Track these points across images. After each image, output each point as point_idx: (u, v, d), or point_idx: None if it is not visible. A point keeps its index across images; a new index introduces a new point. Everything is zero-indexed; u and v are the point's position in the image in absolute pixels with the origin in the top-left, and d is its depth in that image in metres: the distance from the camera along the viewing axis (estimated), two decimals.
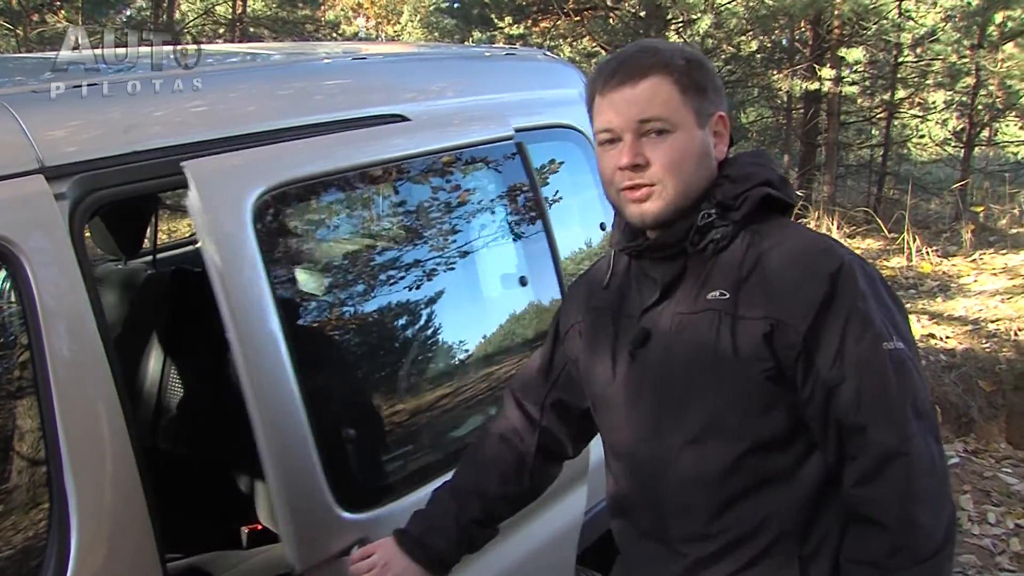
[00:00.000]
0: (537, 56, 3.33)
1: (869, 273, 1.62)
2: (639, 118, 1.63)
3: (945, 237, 11.45)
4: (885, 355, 1.55)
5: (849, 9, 11.34)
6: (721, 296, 1.62)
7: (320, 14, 18.61)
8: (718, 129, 1.70)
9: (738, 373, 1.59)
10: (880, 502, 1.54)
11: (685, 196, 1.65)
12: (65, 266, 1.73)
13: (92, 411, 1.73)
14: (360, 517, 2.06)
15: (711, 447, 1.63)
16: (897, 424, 1.54)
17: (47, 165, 1.74)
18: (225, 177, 1.96)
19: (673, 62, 1.65)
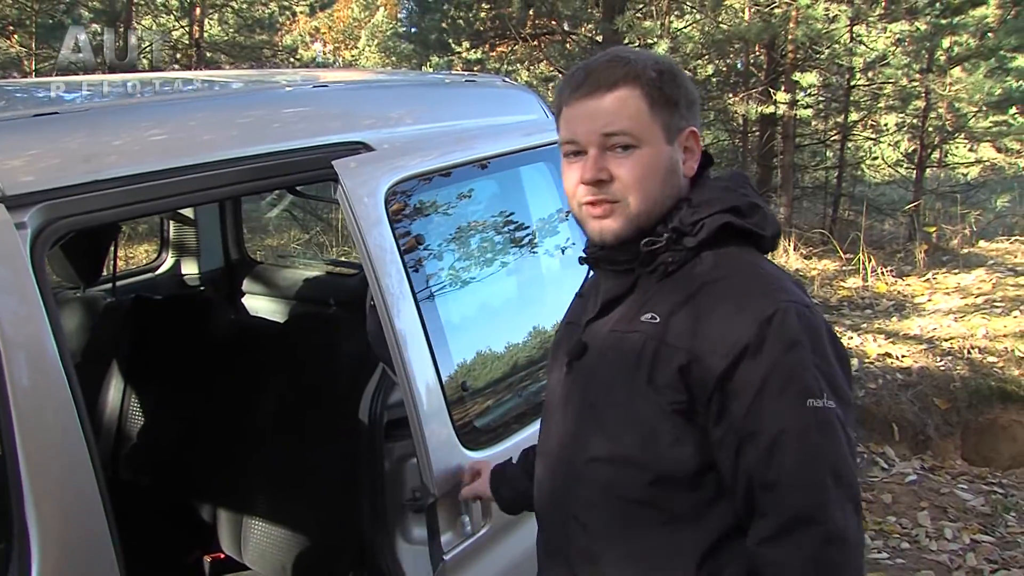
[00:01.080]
0: (496, 83, 3.36)
1: (811, 323, 1.52)
2: (604, 131, 1.59)
3: (899, 257, 11.61)
4: (809, 413, 1.46)
5: (802, 34, 11.53)
6: (652, 320, 1.58)
7: (278, 39, 18.57)
8: (688, 145, 1.65)
9: (651, 400, 1.55)
10: (781, 566, 1.46)
11: (648, 215, 1.61)
12: (26, 295, 1.71)
13: (54, 441, 1.72)
14: (478, 455, 2.39)
15: (617, 469, 1.59)
16: (811, 489, 1.46)
17: (7, 194, 1.73)
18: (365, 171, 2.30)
19: (644, 73, 1.60)
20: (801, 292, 1.60)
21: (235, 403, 3.09)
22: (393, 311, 2.23)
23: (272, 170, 2.20)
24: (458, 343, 2.51)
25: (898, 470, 5.98)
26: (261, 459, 2.96)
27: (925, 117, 13.53)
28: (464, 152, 2.65)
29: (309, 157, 2.26)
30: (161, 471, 3.15)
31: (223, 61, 16.07)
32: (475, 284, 2.70)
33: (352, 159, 2.27)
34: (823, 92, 14.79)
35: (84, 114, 2.00)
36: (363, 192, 2.25)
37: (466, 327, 2.63)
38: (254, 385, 3.07)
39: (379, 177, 2.32)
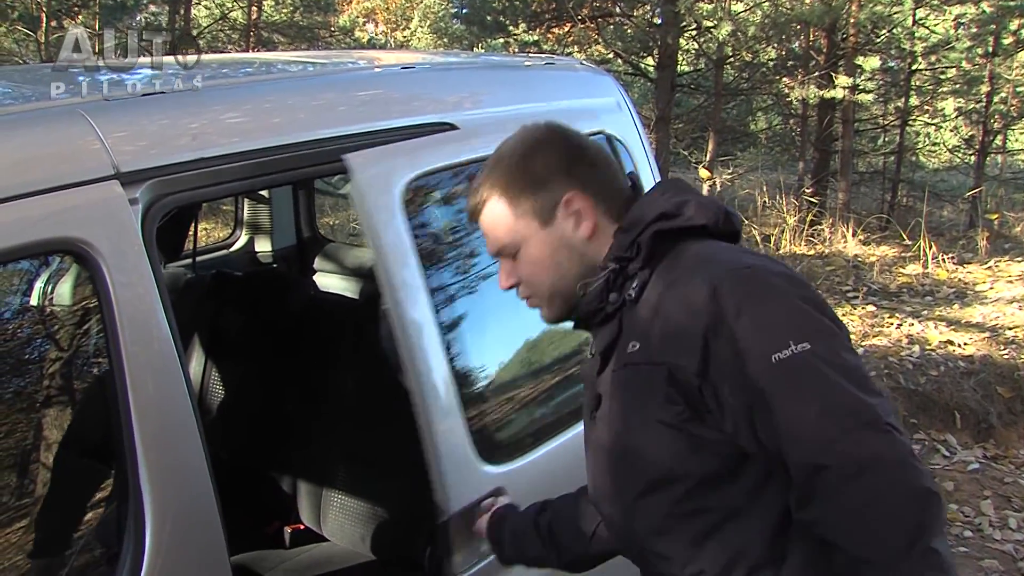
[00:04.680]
0: (576, 65, 3.38)
1: (752, 280, 1.52)
2: (493, 252, 1.76)
3: (960, 244, 11.45)
4: (777, 367, 1.43)
5: (865, 17, 11.37)
6: (634, 347, 1.60)
7: (333, 20, 18.68)
8: (574, 209, 1.68)
9: (657, 422, 1.56)
10: (822, 523, 1.41)
11: (560, 293, 1.71)
12: (140, 269, 1.77)
13: (166, 412, 1.78)
14: (497, 469, 2.32)
15: (661, 495, 1.60)
16: (806, 438, 1.41)
17: (122, 171, 1.79)
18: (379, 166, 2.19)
19: (498, 177, 1.71)
20: (743, 256, 1.59)
21: (313, 378, 3.15)
22: (405, 313, 2.14)
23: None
24: (479, 348, 2.45)
25: (960, 458, 5.93)
26: (339, 432, 3.02)
27: (989, 102, 13.31)
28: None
29: (401, 137, 2.30)
30: (241, 444, 3.21)
31: (280, 41, 16.20)
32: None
33: (363, 153, 2.16)
34: (883, 76, 14.59)
35: (189, 93, 2.05)
36: (378, 188, 2.17)
37: (488, 331, 2.56)
38: (331, 360, 3.12)
39: (396, 171, 2.23)
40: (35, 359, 1.79)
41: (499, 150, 1.76)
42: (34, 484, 1.76)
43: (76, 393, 1.84)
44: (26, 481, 1.77)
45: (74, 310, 1.79)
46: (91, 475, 1.82)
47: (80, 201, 1.72)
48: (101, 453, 1.80)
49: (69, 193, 1.70)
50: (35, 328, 1.81)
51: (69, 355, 1.81)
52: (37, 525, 1.73)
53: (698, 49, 14.36)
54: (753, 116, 18.04)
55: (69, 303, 1.79)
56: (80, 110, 1.82)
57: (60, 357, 1.80)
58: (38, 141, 1.76)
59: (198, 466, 1.81)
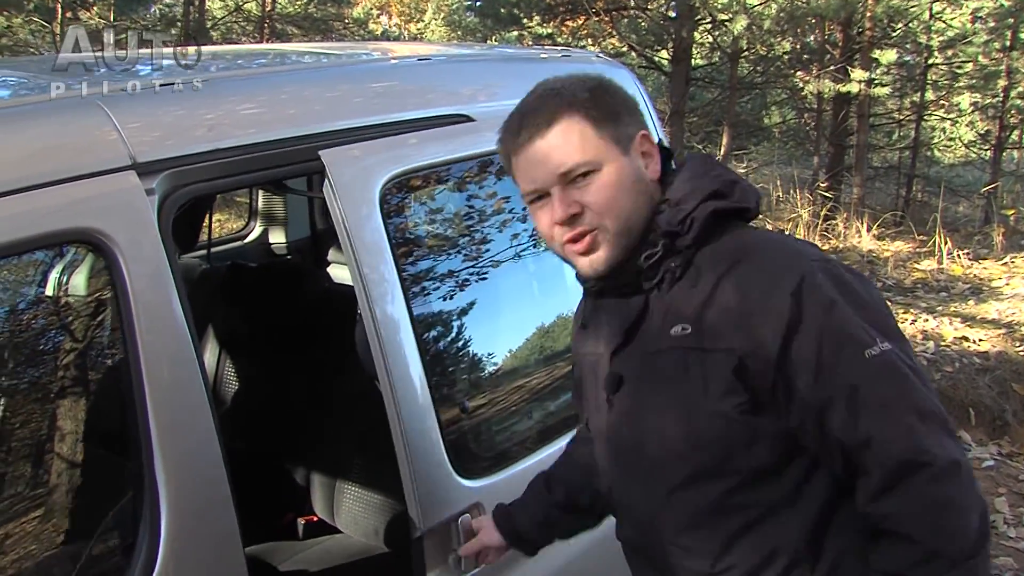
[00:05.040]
0: (592, 58, 3.37)
1: (837, 275, 1.50)
2: (560, 171, 1.55)
3: (976, 240, 11.39)
4: (871, 363, 1.43)
5: (882, 11, 11.31)
6: (684, 331, 1.53)
7: (347, 12, 18.69)
8: (644, 149, 1.61)
9: (713, 412, 1.50)
10: (901, 515, 1.43)
11: (629, 232, 1.57)
12: (156, 260, 1.77)
13: (180, 402, 1.78)
14: (474, 484, 2.22)
15: (699, 490, 1.56)
16: (901, 432, 1.43)
17: (138, 161, 1.79)
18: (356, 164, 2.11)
19: (576, 98, 1.57)
20: (813, 248, 1.58)
21: (327, 369, 3.15)
22: (380, 320, 2.06)
23: None
24: (458, 356, 2.37)
25: (975, 455, 5.89)
26: (353, 424, 3.02)
27: (1006, 97, 13.22)
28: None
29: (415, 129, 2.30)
30: (255, 435, 3.21)
31: (293, 33, 16.21)
32: (488, 288, 2.49)
33: (341, 149, 2.10)
34: (898, 71, 14.52)
35: (206, 84, 2.05)
36: (355, 186, 2.10)
37: (470, 339, 2.44)
38: (345, 351, 3.12)
39: (374, 169, 2.16)
40: (51, 349, 1.79)
41: (555, 84, 1.63)
42: (50, 474, 1.77)
43: (91, 383, 1.83)
44: (42, 471, 1.77)
45: (90, 300, 1.79)
46: (106, 465, 1.82)
47: (97, 191, 1.72)
48: (116, 443, 1.80)
49: (86, 183, 1.70)
50: (51, 318, 1.81)
51: (84, 345, 1.81)
52: (53, 515, 1.73)
53: (713, 43, 14.30)
54: (768, 110, 17.96)
55: (85, 293, 1.79)
56: (97, 101, 1.82)
57: (75, 347, 1.80)
58: (55, 132, 1.76)
59: (213, 457, 1.81)
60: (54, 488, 1.74)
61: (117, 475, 1.80)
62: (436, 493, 2.12)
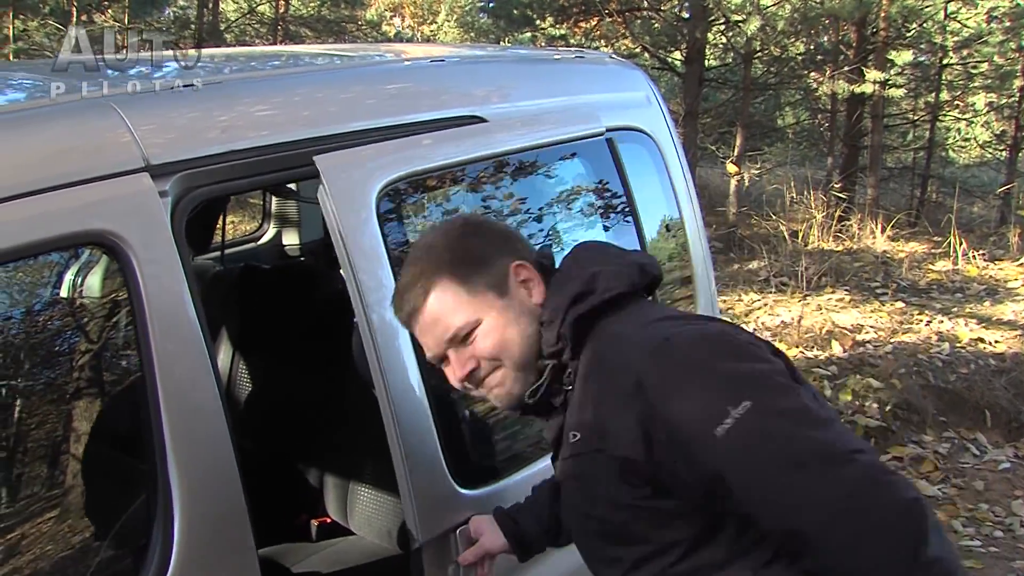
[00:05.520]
0: (605, 59, 3.36)
1: (673, 354, 1.50)
2: (445, 338, 1.65)
3: (991, 241, 11.33)
4: (724, 442, 1.41)
5: (896, 11, 11.27)
6: (575, 438, 1.60)
7: (360, 14, 18.72)
8: (522, 278, 1.67)
9: (619, 506, 1.55)
10: (825, 568, 1.42)
11: (528, 359, 1.65)
12: (169, 262, 1.77)
13: (194, 404, 1.78)
14: (475, 493, 2.17)
15: (649, 568, 1.58)
16: (777, 503, 1.42)
17: (152, 163, 1.79)
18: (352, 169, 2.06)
19: (441, 263, 1.65)
20: (658, 328, 1.57)
21: (340, 370, 3.14)
22: (376, 327, 2.00)
23: None
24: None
25: (991, 457, 5.86)
26: (366, 426, 3.01)
27: (1022, 97, 13.16)
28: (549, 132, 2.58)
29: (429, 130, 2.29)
30: (268, 436, 3.22)
31: (307, 36, 16.25)
32: None
33: (337, 154, 2.05)
34: (913, 71, 14.46)
35: (219, 86, 2.05)
36: (350, 191, 2.06)
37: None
38: None
39: (371, 174, 2.10)
40: (64, 350, 1.80)
41: (421, 246, 1.74)
42: (64, 475, 1.77)
43: (105, 385, 1.84)
44: (56, 472, 1.78)
45: (104, 302, 1.79)
46: (119, 467, 1.82)
47: (110, 193, 1.72)
48: (130, 445, 1.81)
49: (99, 185, 1.71)
50: (64, 320, 1.82)
51: (98, 347, 1.81)
52: (66, 515, 1.74)
53: (726, 43, 14.26)
54: (781, 111, 17.92)
55: (99, 295, 1.79)
56: (111, 103, 1.82)
57: (89, 349, 1.80)
58: (68, 134, 1.77)
59: (226, 458, 1.81)
60: (67, 489, 1.74)
61: (130, 477, 1.80)
62: (435, 503, 2.08)
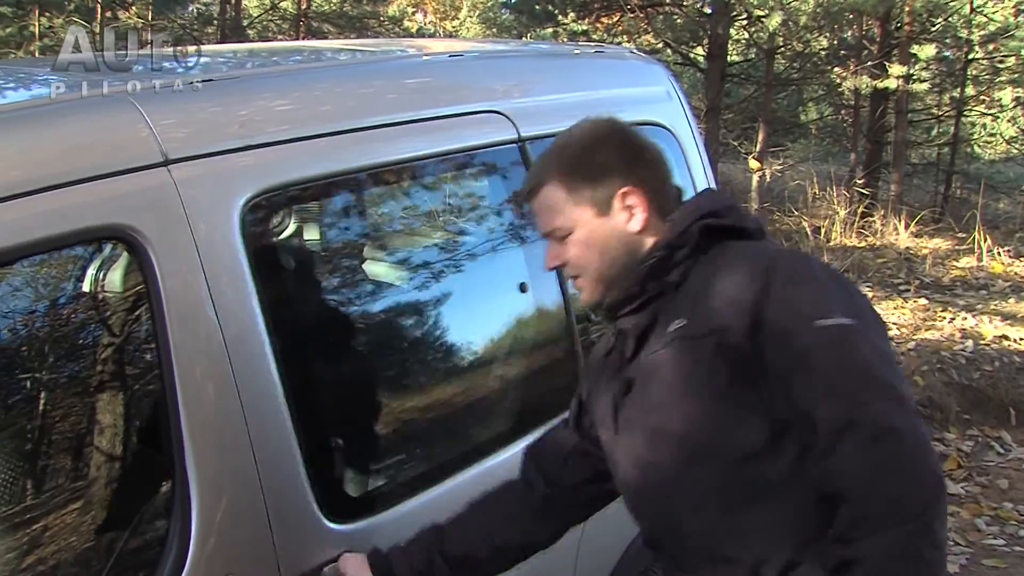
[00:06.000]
0: (625, 54, 3.35)
1: (797, 260, 1.67)
2: (544, 231, 1.80)
3: (1017, 237, 11.24)
4: (821, 332, 1.53)
5: (921, 5, 11.18)
6: (679, 324, 1.66)
7: (382, 9, 18.75)
8: (627, 203, 1.74)
9: (706, 392, 1.62)
10: (837, 475, 1.49)
11: (606, 279, 1.75)
12: (188, 256, 1.78)
13: (212, 397, 1.79)
14: (345, 528, 2.01)
15: (705, 469, 1.63)
16: (842, 396, 1.50)
17: (170, 158, 1.79)
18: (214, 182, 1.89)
19: (560, 164, 1.76)
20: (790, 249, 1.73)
21: None
22: (235, 355, 1.82)
23: None
24: (330, 386, 2.18)
25: (1015, 455, 5.82)
26: None
27: None
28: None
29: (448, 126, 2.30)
30: None
31: (329, 31, 16.28)
32: (372, 310, 2.34)
33: (195, 163, 1.85)
34: (938, 66, 14.35)
35: (237, 81, 2.06)
36: (209, 206, 1.86)
37: (346, 366, 2.26)
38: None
39: (234, 186, 1.92)
40: (82, 344, 1.81)
41: (562, 139, 1.82)
42: (84, 468, 1.78)
43: (123, 379, 1.85)
44: (78, 464, 1.79)
45: (123, 297, 1.80)
46: (138, 460, 1.83)
47: (129, 188, 1.73)
48: (148, 438, 1.82)
49: (118, 180, 1.71)
50: (83, 314, 1.83)
51: (116, 341, 1.82)
52: (85, 508, 1.75)
53: (749, 39, 14.19)
54: (804, 106, 17.81)
55: (118, 290, 1.80)
56: (130, 98, 1.83)
57: (107, 343, 1.82)
58: (88, 129, 1.77)
59: (244, 452, 1.82)
60: (88, 482, 1.76)
61: (148, 470, 1.81)
62: (299, 537, 1.93)
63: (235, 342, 1.82)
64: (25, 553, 1.64)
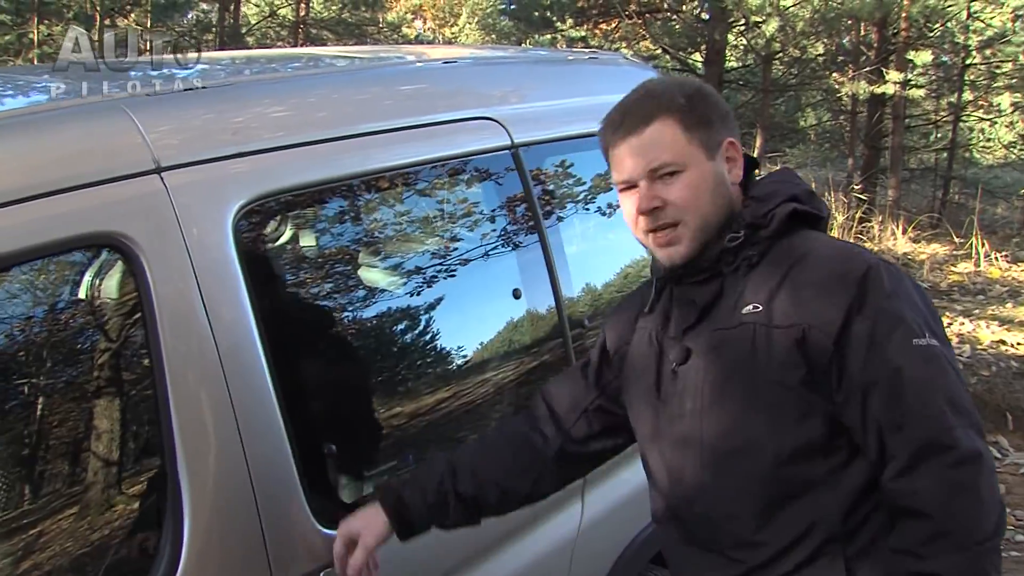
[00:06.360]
0: (619, 60, 3.36)
1: (896, 275, 1.64)
2: (649, 167, 1.68)
3: (1014, 242, 11.27)
4: (916, 351, 1.56)
5: (917, 11, 11.20)
6: (755, 309, 1.65)
7: (381, 16, 18.78)
8: (730, 155, 1.74)
9: (774, 382, 1.62)
10: (920, 493, 1.53)
11: (706, 229, 1.70)
12: (181, 264, 1.78)
13: (204, 404, 1.78)
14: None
15: (752, 457, 1.66)
16: (932, 417, 1.54)
17: (163, 166, 1.79)
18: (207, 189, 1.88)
19: (674, 102, 1.70)
20: (874, 254, 1.72)
21: None
22: (228, 361, 1.81)
23: None
24: (323, 391, 2.17)
25: (1012, 460, 5.84)
26: None
27: None
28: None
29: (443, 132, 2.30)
30: None
31: (328, 38, 16.32)
32: (365, 315, 2.31)
33: (186, 170, 1.84)
34: (935, 71, 14.37)
35: (230, 88, 2.06)
36: (204, 211, 1.85)
37: (340, 370, 2.26)
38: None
39: (228, 193, 1.90)
40: (75, 352, 1.81)
41: (656, 87, 1.77)
42: (76, 475, 1.78)
43: (116, 386, 1.84)
44: (70, 471, 1.79)
45: (115, 304, 1.80)
46: (130, 467, 1.83)
47: (121, 196, 1.73)
48: (141, 446, 1.82)
49: (110, 188, 1.71)
50: (76, 321, 1.83)
51: (110, 348, 1.82)
52: (78, 515, 1.75)
53: (746, 45, 14.23)
54: (802, 112, 17.84)
55: (111, 297, 1.80)
56: (122, 105, 1.83)
57: (100, 350, 1.81)
58: (80, 136, 1.77)
59: (236, 459, 1.81)
60: (77, 489, 1.75)
61: (141, 477, 1.81)
62: (293, 544, 1.92)
63: (228, 349, 1.82)
64: (16, 560, 1.63)
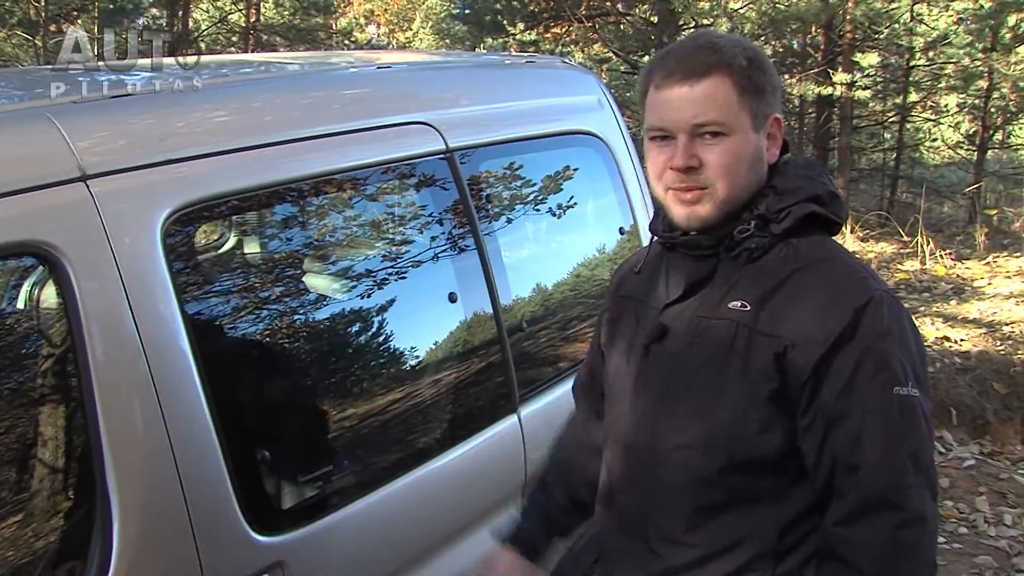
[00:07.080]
0: (556, 63, 3.38)
1: (897, 311, 1.56)
2: (696, 121, 1.58)
3: (959, 240, 11.44)
4: (895, 400, 1.50)
5: (861, 13, 11.35)
6: (742, 308, 1.58)
7: (333, 22, 18.70)
8: (772, 132, 1.65)
9: (743, 388, 1.56)
10: (858, 545, 1.50)
11: (734, 201, 1.60)
12: (108, 272, 1.77)
13: (133, 413, 1.78)
14: (275, 541, 1.99)
15: (702, 455, 1.60)
16: (893, 472, 1.50)
17: (88, 173, 1.78)
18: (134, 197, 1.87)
19: (735, 61, 1.59)
20: (879, 280, 1.62)
21: None
22: (157, 369, 1.80)
23: None
24: (256, 394, 2.18)
25: (956, 454, 5.91)
26: None
27: (988, 97, 13.28)
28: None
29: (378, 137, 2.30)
30: None
31: (279, 44, 16.22)
32: (301, 317, 2.29)
33: (112, 178, 1.82)
34: (881, 73, 14.57)
35: (157, 95, 2.05)
36: (129, 221, 1.84)
37: (273, 371, 2.24)
38: None
39: (155, 201, 1.89)
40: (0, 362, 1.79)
41: (717, 40, 1.65)
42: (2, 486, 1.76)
43: (42, 395, 1.83)
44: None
45: (40, 313, 1.79)
46: (59, 478, 1.81)
47: (44, 204, 1.72)
48: (68, 456, 1.80)
49: (33, 196, 1.70)
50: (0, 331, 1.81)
51: (35, 358, 1.81)
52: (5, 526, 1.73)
53: None
54: None
55: (36, 306, 1.79)
56: (46, 112, 1.81)
57: (27, 360, 1.80)
58: (2, 144, 1.76)
59: (166, 468, 1.81)
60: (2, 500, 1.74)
61: (69, 488, 1.80)
62: (226, 552, 1.90)
63: (157, 356, 1.81)
64: None
